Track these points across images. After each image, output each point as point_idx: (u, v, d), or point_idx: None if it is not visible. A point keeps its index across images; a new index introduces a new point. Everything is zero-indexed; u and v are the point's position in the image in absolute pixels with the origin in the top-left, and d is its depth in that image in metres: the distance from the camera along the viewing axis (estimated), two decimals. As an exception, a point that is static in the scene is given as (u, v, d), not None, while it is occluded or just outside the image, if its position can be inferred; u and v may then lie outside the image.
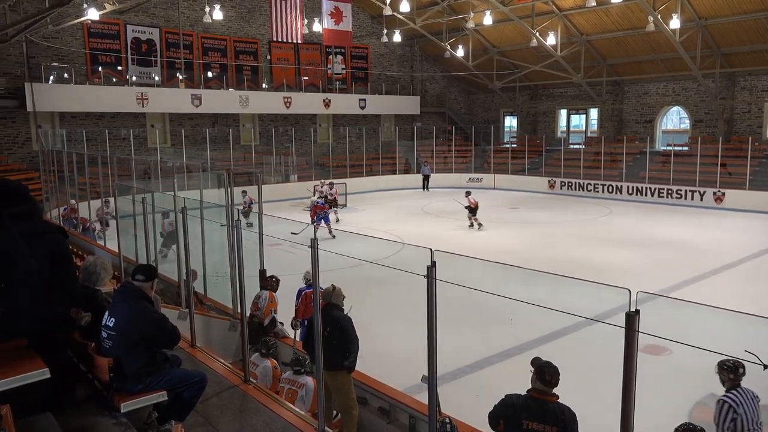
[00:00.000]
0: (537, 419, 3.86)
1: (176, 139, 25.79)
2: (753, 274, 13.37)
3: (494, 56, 31.06)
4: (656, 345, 7.68)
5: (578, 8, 25.01)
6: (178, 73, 25.54)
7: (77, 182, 15.28)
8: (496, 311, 9.09)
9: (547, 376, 3.94)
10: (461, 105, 36.99)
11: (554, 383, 3.95)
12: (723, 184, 23.19)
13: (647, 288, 6.73)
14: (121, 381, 3.97)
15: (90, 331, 4.39)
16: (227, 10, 26.05)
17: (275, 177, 26.96)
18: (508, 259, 14.49)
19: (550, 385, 3.94)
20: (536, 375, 3.97)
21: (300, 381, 5.82)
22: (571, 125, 33.13)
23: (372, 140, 31.39)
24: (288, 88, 28.73)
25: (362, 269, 7.27)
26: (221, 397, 4.81)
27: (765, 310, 9.97)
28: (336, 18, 25.28)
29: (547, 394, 3.93)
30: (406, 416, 5.75)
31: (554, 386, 3.96)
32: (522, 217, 21.76)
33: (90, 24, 22.69)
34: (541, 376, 3.95)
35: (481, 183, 30.50)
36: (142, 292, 4.17)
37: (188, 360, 5.29)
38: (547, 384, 3.94)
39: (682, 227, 17.94)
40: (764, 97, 24.99)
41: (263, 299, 7.82)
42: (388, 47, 32.46)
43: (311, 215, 17.23)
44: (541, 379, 3.95)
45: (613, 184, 26.48)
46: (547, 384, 3.94)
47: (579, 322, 8.32)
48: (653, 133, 28.40)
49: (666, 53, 24.96)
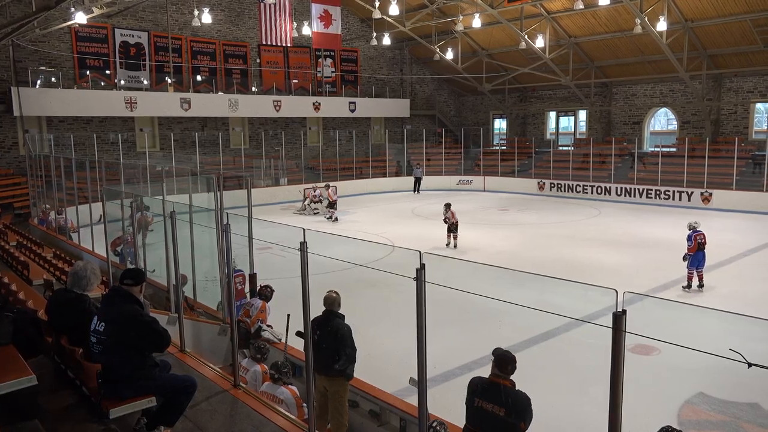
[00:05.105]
0: (487, 399, 4.25)
1: (165, 143, 25.67)
2: (740, 273, 13.48)
3: (483, 59, 31.19)
4: (646, 345, 7.75)
5: (566, 11, 25.18)
6: (167, 77, 25.43)
7: (65, 187, 15.18)
8: (486, 313, 9.11)
9: (502, 363, 4.33)
10: (451, 107, 37.10)
11: (509, 370, 4.31)
12: (710, 184, 23.40)
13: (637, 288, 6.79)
14: (110, 387, 3.95)
15: (78, 337, 4.37)
16: (216, 13, 25.99)
17: (265, 181, 26.89)
18: (497, 260, 14.56)
19: (505, 371, 4.30)
20: (494, 362, 4.36)
21: (278, 396, 5.62)
22: (560, 127, 33.30)
23: (362, 143, 31.40)
24: (278, 92, 28.69)
25: (353, 272, 7.28)
26: (211, 402, 4.79)
27: (752, 310, 10.07)
28: (325, 21, 25.30)
29: (501, 378, 4.29)
30: (397, 419, 5.76)
31: (509, 373, 4.31)
32: (511, 219, 21.84)
33: (78, 28, 22.56)
34: (497, 363, 4.34)
35: (471, 185, 30.62)
36: (131, 296, 4.15)
37: (177, 365, 5.27)
38: (502, 370, 4.30)
39: (670, 228, 18.05)
40: (750, 98, 25.26)
41: (255, 308, 7.78)
42: (378, 50, 32.51)
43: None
44: (497, 366, 4.33)
45: (602, 185, 26.65)
46: (502, 370, 4.31)
47: (569, 322, 8.37)
48: (641, 135, 28.60)
49: (653, 55, 25.16)
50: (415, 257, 3.68)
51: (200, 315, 8.28)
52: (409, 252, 3.88)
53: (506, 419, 4.15)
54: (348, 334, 5.80)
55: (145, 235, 9.88)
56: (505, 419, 4.15)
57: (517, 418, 4.15)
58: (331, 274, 6.89)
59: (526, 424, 4.18)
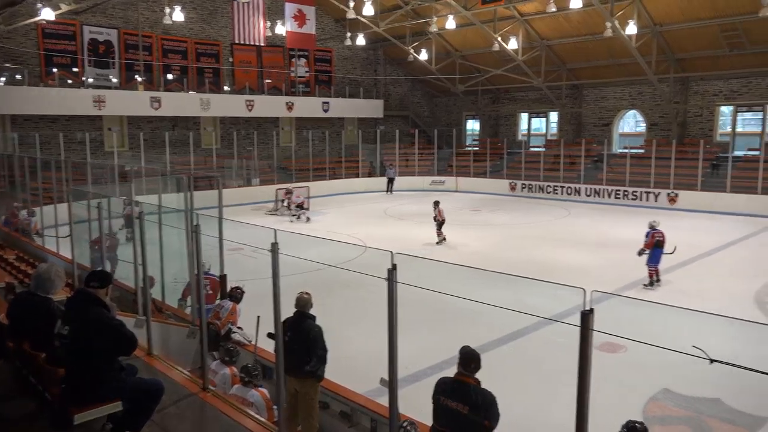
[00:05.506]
0: (452, 398, 4.27)
1: (134, 142, 25.21)
2: (704, 272, 13.81)
3: (457, 60, 31.38)
4: (613, 343, 7.88)
5: (539, 13, 25.48)
6: (137, 76, 24.99)
7: (29, 187, 14.81)
8: (457, 313, 9.16)
9: (466, 361, 4.34)
10: (424, 108, 37.22)
11: (473, 368, 4.33)
12: (676, 185, 23.91)
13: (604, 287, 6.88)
14: (74, 392, 3.87)
15: (40, 341, 4.26)
16: (188, 11, 25.60)
17: (237, 181, 26.64)
18: (469, 260, 14.66)
19: (470, 369, 4.32)
20: (459, 360, 4.37)
21: (248, 399, 5.60)
22: (531, 128, 33.66)
23: (335, 143, 31.31)
24: (250, 91, 28.41)
25: (325, 273, 7.24)
26: (179, 406, 4.72)
27: (715, 307, 10.30)
28: (299, 21, 25.18)
29: (465, 377, 4.31)
30: (368, 420, 5.75)
31: (473, 371, 4.33)
32: (484, 219, 22.01)
33: (44, 24, 22.00)
34: (461, 361, 4.36)
35: (443, 185, 30.75)
36: (97, 299, 4.07)
37: (145, 369, 5.18)
38: (466, 368, 4.32)
39: (637, 227, 18.28)
40: (715, 101, 25.87)
41: (225, 309, 7.70)
42: (352, 50, 32.46)
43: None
44: (462, 364, 4.35)
45: (572, 186, 27.03)
46: (465, 368, 4.32)
47: (539, 321, 8.47)
48: (611, 136, 29.07)
49: (623, 58, 25.59)
50: (387, 258, 3.68)
51: (169, 317, 8.15)
52: (381, 252, 3.87)
53: (470, 417, 4.16)
54: (319, 335, 5.78)
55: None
56: (470, 417, 4.16)
57: (482, 416, 4.16)
58: (303, 275, 6.86)
59: (491, 422, 4.18)
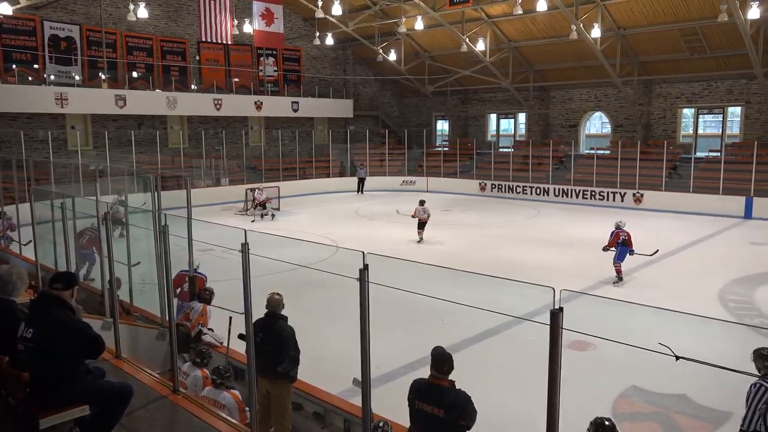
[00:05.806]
0: (426, 401, 4.23)
1: (99, 141, 24.66)
2: (670, 271, 14.14)
3: (426, 61, 31.53)
4: (582, 341, 8.01)
5: (506, 15, 25.79)
6: (101, 73, 24.43)
7: (-11, 187, 14.37)
8: (429, 312, 9.21)
9: (438, 363, 4.29)
10: (394, 108, 37.30)
11: (446, 370, 4.29)
12: (641, 185, 24.45)
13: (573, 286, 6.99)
14: (40, 396, 3.77)
15: (3, 345, 4.14)
16: (153, 8, 25.15)
17: (205, 181, 26.27)
18: (440, 260, 14.75)
19: (443, 371, 4.27)
20: (431, 363, 4.32)
21: (220, 401, 5.52)
22: (500, 129, 34.04)
23: (305, 143, 31.16)
24: (218, 90, 28.06)
25: (296, 273, 7.21)
26: (149, 409, 4.64)
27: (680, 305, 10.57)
28: (267, 19, 24.96)
29: (439, 379, 4.27)
30: (341, 420, 5.74)
31: (446, 373, 4.29)
32: (454, 219, 22.15)
33: (2, 19, 21.37)
34: (434, 364, 4.31)
35: (414, 186, 30.87)
36: (62, 301, 3.97)
37: (113, 372, 5.07)
38: (439, 371, 4.28)
39: (604, 227, 18.63)
40: (677, 104, 26.55)
41: (195, 311, 7.59)
42: (321, 50, 32.33)
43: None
44: (434, 367, 4.30)
45: (541, 186, 27.41)
46: (439, 371, 4.28)
47: (509, 320, 8.56)
48: (577, 137, 29.59)
49: (588, 60, 26.07)
50: (359, 258, 3.68)
51: (137, 319, 8.00)
52: (353, 252, 3.87)
53: (446, 419, 4.16)
54: (291, 336, 5.75)
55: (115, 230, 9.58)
56: (445, 420, 4.16)
57: (457, 417, 4.17)
58: (276, 275, 6.81)
59: (468, 422, 4.20)
